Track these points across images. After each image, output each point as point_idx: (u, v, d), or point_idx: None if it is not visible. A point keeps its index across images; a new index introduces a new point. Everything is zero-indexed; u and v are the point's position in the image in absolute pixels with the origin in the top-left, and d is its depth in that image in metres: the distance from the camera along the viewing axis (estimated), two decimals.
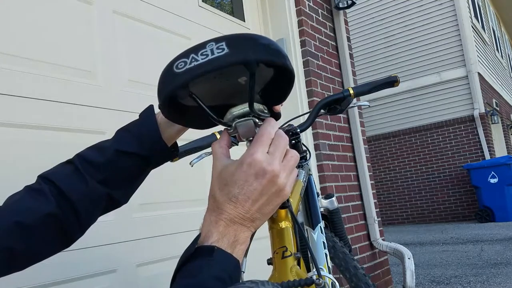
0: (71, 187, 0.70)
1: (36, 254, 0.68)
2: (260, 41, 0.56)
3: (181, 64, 0.56)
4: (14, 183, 0.73)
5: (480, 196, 7.79)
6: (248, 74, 0.55)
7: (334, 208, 1.50)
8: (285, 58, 0.58)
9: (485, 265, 3.90)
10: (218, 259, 0.53)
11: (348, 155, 2.87)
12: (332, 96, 1.23)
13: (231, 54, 0.54)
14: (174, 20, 1.98)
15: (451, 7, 8.59)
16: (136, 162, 0.75)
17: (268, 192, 0.57)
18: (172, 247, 1.63)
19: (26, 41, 1.37)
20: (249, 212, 0.57)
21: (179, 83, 0.56)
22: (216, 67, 0.54)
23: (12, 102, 1.29)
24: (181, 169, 1.55)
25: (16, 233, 0.63)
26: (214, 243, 0.55)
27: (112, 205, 0.77)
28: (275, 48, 0.57)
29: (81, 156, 0.75)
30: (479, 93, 8.31)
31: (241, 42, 0.55)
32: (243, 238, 0.57)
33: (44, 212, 0.66)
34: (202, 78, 0.55)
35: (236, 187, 0.56)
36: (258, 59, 0.54)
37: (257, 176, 0.56)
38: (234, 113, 0.61)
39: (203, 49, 0.55)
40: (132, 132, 0.76)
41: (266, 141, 0.57)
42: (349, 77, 2.95)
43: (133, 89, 1.70)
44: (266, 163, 0.56)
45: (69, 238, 0.71)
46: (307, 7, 2.73)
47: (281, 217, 0.78)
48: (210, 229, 0.56)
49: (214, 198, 0.58)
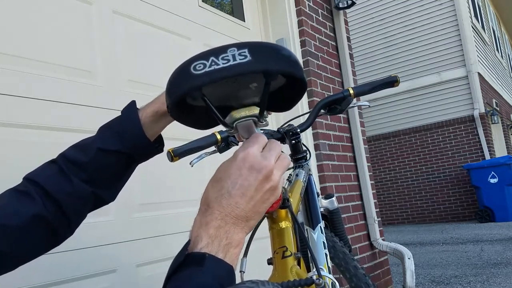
0: (56, 187, 0.69)
1: (24, 255, 0.68)
2: (281, 52, 0.57)
3: (199, 66, 0.54)
4: (14, 183, 0.73)
5: (480, 196, 7.79)
6: (263, 81, 0.55)
7: (334, 208, 1.50)
8: (302, 70, 0.59)
9: (485, 265, 3.90)
10: (208, 267, 0.50)
11: (348, 155, 2.87)
12: (332, 96, 1.22)
13: (253, 62, 0.53)
14: (174, 20, 1.98)
15: (451, 7, 8.59)
16: (119, 160, 0.75)
17: (263, 189, 0.55)
18: (172, 247, 1.62)
19: (26, 41, 1.37)
20: (244, 210, 0.54)
21: (195, 85, 0.54)
22: (237, 73, 0.53)
23: (12, 102, 1.29)
24: (181, 169, 1.55)
25: (2, 235, 0.63)
26: (203, 248, 0.51)
27: (99, 202, 0.76)
28: (295, 60, 0.58)
29: (64, 156, 0.75)
30: (479, 93, 8.31)
31: (263, 51, 0.55)
32: (237, 241, 0.54)
33: (31, 213, 0.66)
34: (219, 82, 0.54)
35: (229, 181, 0.54)
36: (279, 70, 0.55)
37: (251, 171, 0.54)
38: (236, 117, 0.61)
39: (224, 54, 0.54)
40: (114, 129, 0.75)
41: (262, 141, 0.57)
42: (349, 77, 2.95)
43: (133, 89, 1.69)
44: (261, 158, 0.55)
45: (58, 237, 0.71)
46: (307, 7, 2.73)
47: (281, 217, 0.79)
48: (200, 233, 0.53)
49: (206, 197, 0.55)
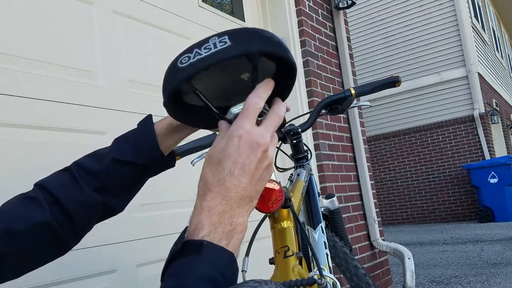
0: (66, 195, 0.69)
1: (28, 261, 0.67)
2: (262, 34, 0.56)
3: (185, 59, 0.55)
4: (14, 183, 0.73)
5: (480, 196, 7.79)
6: (251, 68, 0.55)
7: (335, 208, 1.50)
8: (287, 51, 0.57)
9: (485, 265, 3.90)
10: (207, 255, 0.48)
11: (348, 155, 2.87)
12: (333, 96, 1.22)
13: (234, 47, 0.54)
14: (174, 20, 1.98)
15: (451, 7, 8.59)
16: (133, 171, 0.75)
17: (262, 166, 0.54)
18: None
19: (26, 41, 1.37)
20: (248, 189, 0.53)
21: (182, 77, 0.55)
22: (219, 60, 0.53)
23: (12, 102, 1.29)
24: (182, 169, 1.54)
25: (7, 239, 0.63)
26: (205, 237, 0.49)
27: (108, 213, 0.77)
28: (277, 41, 0.57)
29: (78, 164, 0.75)
30: (479, 93, 8.31)
31: (243, 35, 0.55)
32: (242, 225, 0.52)
33: (37, 219, 0.66)
34: (205, 72, 0.55)
35: (230, 162, 0.52)
36: (260, 51, 0.54)
37: (251, 148, 0.53)
38: (234, 112, 0.61)
39: (206, 44, 0.55)
40: (129, 141, 0.76)
41: (252, 112, 0.55)
42: (349, 77, 2.95)
43: (133, 89, 1.69)
44: (258, 135, 0.53)
45: (64, 245, 0.71)
46: (307, 7, 2.73)
47: (283, 216, 0.79)
48: (201, 219, 0.50)
49: (205, 182, 0.53)
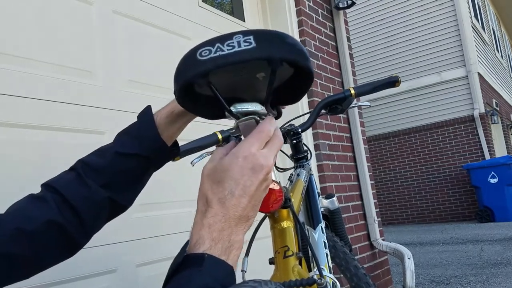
0: (72, 192, 0.70)
1: (38, 261, 0.68)
2: (286, 39, 0.56)
3: (205, 52, 0.54)
4: (14, 183, 0.73)
5: (480, 196, 7.79)
6: (269, 71, 0.55)
7: (334, 208, 1.50)
8: (308, 60, 0.58)
9: (485, 265, 3.90)
10: (208, 267, 0.50)
11: (348, 155, 2.87)
12: (333, 96, 1.22)
13: (258, 49, 0.53)
14: (174, 20, 1.98)
15: (451, 7, 8.59)
16: (137, 164, 0.76)
17: (261, 188, 0.56)
18: (172, 247, 1.62)
19: (26, 41, 1.37)
20: (246, 209, 0.54)
21: (201, 70, 0.54)
22: (242, 60, 0.53)
23: (12, 102, 1.29)
24: (182, 169, 1.55)
25: (17, 239, 0.63)
26: (206, 251, 0.51)
27: (116, 209, 0.77)
28: (300, 49, 0.57)
29: (83, 162, 0.75)
30: (479, 93, 8.31)
31: (268, 38, 0.55)
32: (238, 242, 0.54)
33: (45, 218, 0.66)
34: (224, 69, 0.54)
35: (233, 182, 0.53)
36: (282, 58, 0.54)
37: (254, 171, 0.54)
38: (239, 108, 0.60)
39: (230, 40, 0.54)
40: (131, 134, 0.77)
41: (264, 138, 0.56)
42: (349, 77, 2.95)
43: (133, 89, 1.69)
44: (263, 159, 0.55)
45: (74, 244, 0.71)
46: (307, 7, 2.73)
47: (283, 216, 0.79)
48: (202, 235, 0.52)
49: (206, 198, 0.54)
